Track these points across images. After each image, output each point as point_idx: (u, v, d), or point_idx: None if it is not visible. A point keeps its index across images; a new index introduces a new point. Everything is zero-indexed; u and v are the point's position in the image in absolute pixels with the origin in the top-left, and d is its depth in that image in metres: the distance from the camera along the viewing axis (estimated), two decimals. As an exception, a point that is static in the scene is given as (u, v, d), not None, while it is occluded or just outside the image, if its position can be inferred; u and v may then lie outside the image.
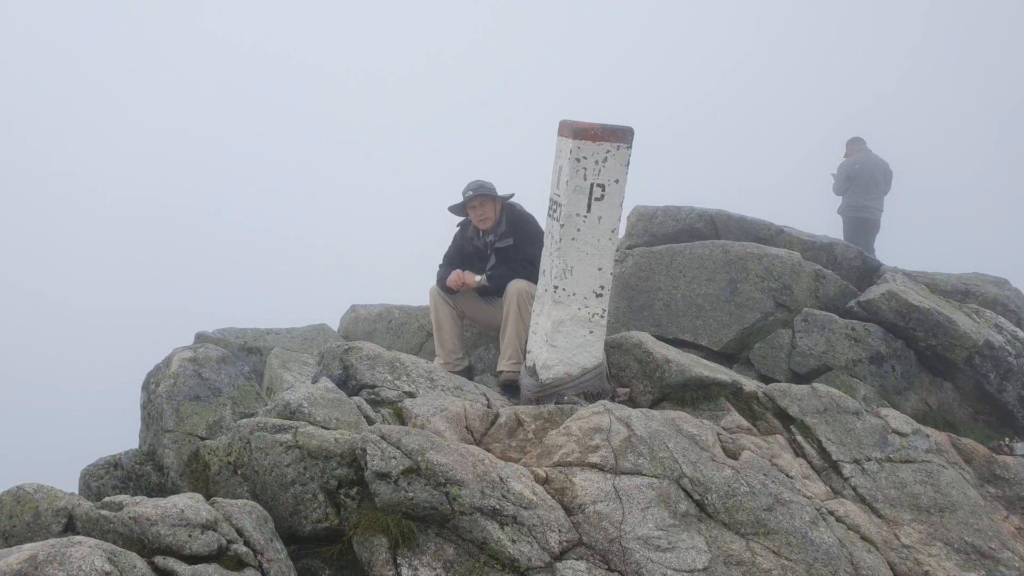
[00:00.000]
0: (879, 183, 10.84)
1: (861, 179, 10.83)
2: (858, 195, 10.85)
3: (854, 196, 10.89)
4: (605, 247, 4.89)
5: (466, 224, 6.31)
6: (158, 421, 4.63)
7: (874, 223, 10.93)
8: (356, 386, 4.83)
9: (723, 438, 4.40)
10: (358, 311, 8.26)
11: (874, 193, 10.83)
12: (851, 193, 10.92)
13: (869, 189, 10.80)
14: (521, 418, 4.54)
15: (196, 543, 2.92)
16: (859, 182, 10.83)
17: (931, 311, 6.50)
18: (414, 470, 3.41)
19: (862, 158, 10.96)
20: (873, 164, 10.89)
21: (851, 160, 11.06)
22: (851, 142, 11.27)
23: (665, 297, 7.04)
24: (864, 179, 10.81)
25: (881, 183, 10.86)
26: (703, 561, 3.52)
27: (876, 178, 10.82)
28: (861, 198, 10.83)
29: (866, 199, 10.82)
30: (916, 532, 4.19)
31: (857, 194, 10.85)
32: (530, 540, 3.37)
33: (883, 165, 10.90)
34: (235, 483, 3.70)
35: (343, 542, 3.40)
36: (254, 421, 3.81)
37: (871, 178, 10.81)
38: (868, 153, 11.02)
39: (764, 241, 7.64)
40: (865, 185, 10.81)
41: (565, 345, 4.97)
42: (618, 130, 4.74)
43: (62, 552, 2.54)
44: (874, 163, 10.90)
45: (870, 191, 10.80)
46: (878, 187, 10.84)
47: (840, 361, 6.44)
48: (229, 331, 7.49)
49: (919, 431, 4.90)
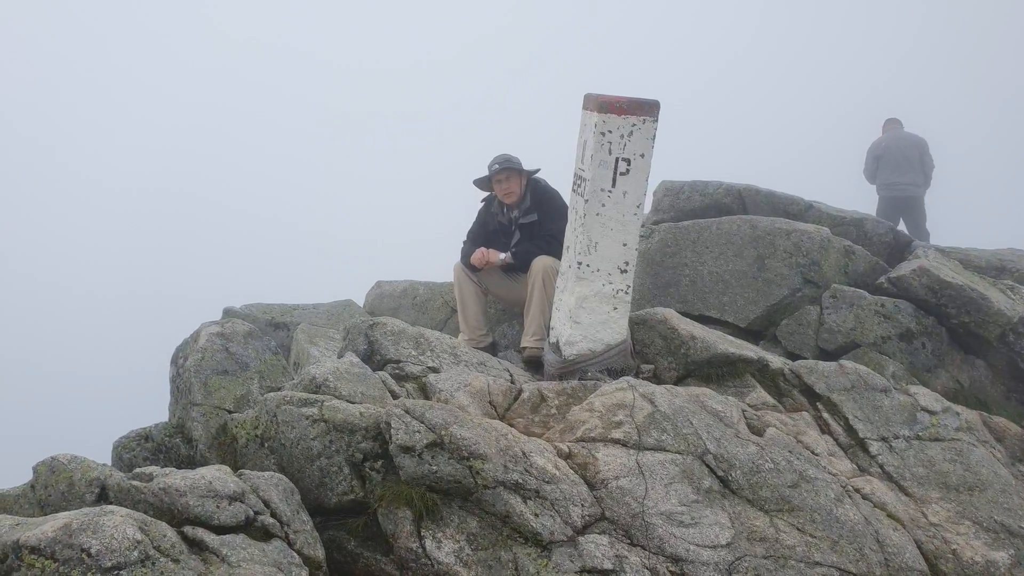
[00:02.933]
0: (911, 159, 10.53)
1: (889, 157, 10.58)
2: (888, 172, 10.60)
3: (884, 174, 10.65)
4: (630, 222, 4.85)
5: (490, 200, 6.29)
6: (186, 395, 4.71)
7: (913, 200, 10.61)
8: (381, 361, 4.87)
9: (748, 415, 4.38)
10: (383, 287, 8.30)
11: (905, 168, 10.53)
12: (882, 172, 10.68)
13: (900, 165, 10.53)
14: (544, 394, 4.55)
15: (224, 514, 2.97)
16: (887, 160, 10.59)
17: (964, 287, 6.38)
18: (438, 444, 3.44)
19: (890, 136, 10.73)
20: (902, 140, 10.62)
21: (877, 140, 10.85)
22: (886, 123, 11.01)
23: (691, 273, 6.98)
24: (893, 156, 10.56)
25: (914, 159, 10.54)
26: (726, 537, 3.51)
27: (907, 154, 10.52)
28: (892, 175, 10.58)
29: (897, 176, 10.55)
30: (944, 511, 4.14)
31: (887, 171, 10.60)
32: (552, 514, 3.39)
33: (915, 140, 10.61)
34: (262, 456, 3.75)
35: (368, 514, 3.45)
36: (281, 395, 3.86)
37: (900, 155, 10.53)
38: (897, 131, 10.76)
39: (793, 216, 7.53)
40: (895, 162, 10.55)
41: (589, 321, 4.96)
42: (644, 103, 4.68)
43: (95, 521, 2.61)
44: (903, 139, 10.63)
45: (901, 167, 10.53)
46: (910, 163, 10.53)
47: (869, 338, 6.36)
48: (256, 307, 7.57)
49: (949, 409, 4.83)
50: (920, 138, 10.65)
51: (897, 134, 10.73)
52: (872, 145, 10.88)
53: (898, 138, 10.67)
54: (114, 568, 2.50)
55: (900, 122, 10.96)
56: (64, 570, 2.48)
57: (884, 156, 10.63)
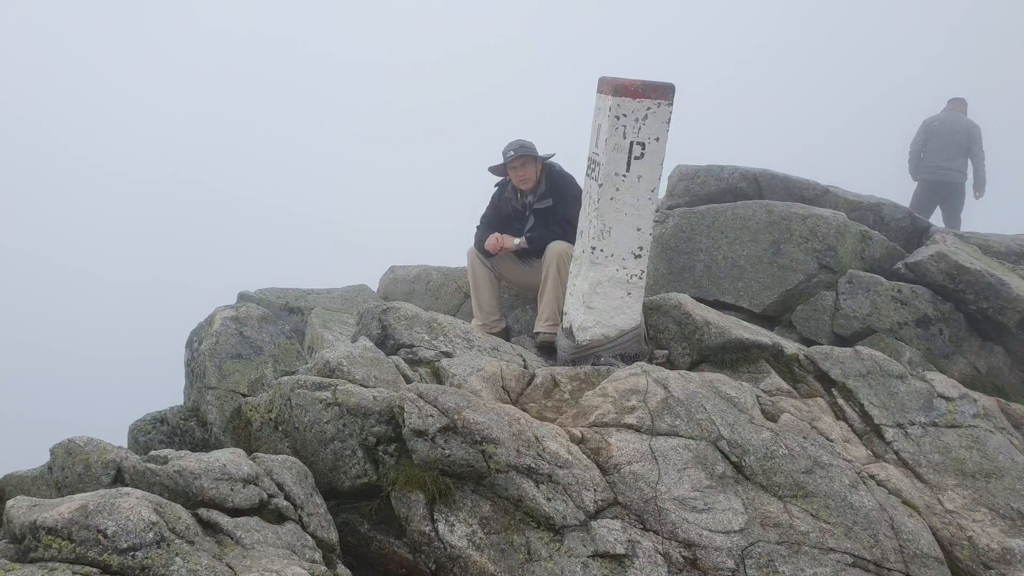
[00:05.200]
0: (959, 144, 10.15)
1: (937, 139, 10.24)
2: (934, 155, 10.26)
3: (930, 156, 10.31)
4: (644, 207, 4.81)
5: (504, 184, 6.27)
6: (201, 378, 4.74)
7: (954, 187, 10.27)
8: (394, 345, 4.88)
9: (762, 401, 4.36)
10: (397, 272, 8.31)
11: (953, 153, 10.17)
12: (927, 153, 10.35)
13: (946, 149, 10.17)
14: (557, 379, 4.54)
15: (238, 496, 2.99)
16: (934, 142, 10.27)
17: (982, 273, 6.31)
18: (451, 428, 3.44)
19: (943, 117, 10.35)
20: (953, 123, 10.23)
21: (932, 117, 10.46)
22: (949, 102, 10.60)
23: (706, 258, 6.93)
24: (940, 139, 10.21)
25: (962, 145, 10.16)
26: (739, 522, 3.50)
27: (956, 139, 10.15)
28: (937, 158, 10.23)
29: (942, 160, 10.20)
30: (960, 497, 4.11)
31: (933, 154, 10.27)
32: (565, 499, 3.39)
33: (966, 126, 10.19)
34: (276, 439, 3.77)
35: (381, 497, 3.46)
36: (294, 379, 3.87)
37: (949, 139, 10.16)
38: (952, 113, 10.37)
39: (809, 201, 7.46)
40: (941, 145, 10.19)
41: (602, 307, 4.94)
42: (659, 87, 4.63)
43: (111, 502, 2.63)
44: (955, 122, 10.24)
45: (948, 151, 10.16)
46: (958, 148, 10.17)
47: (885, 324, 6.30)
48: (271, 291, 7.60)
49: (966, 396, 4.78)
50: (973, 125, 10.25)
51: (951, 116, 10.36)
52: (925, 121, 10.51)
53: (951, 121, 10.30)
54: (130, 549, 2.52)
55: (964, 103, 10.50)
56: (81, 550, 2.51)
57: (931, 137, 10.30)
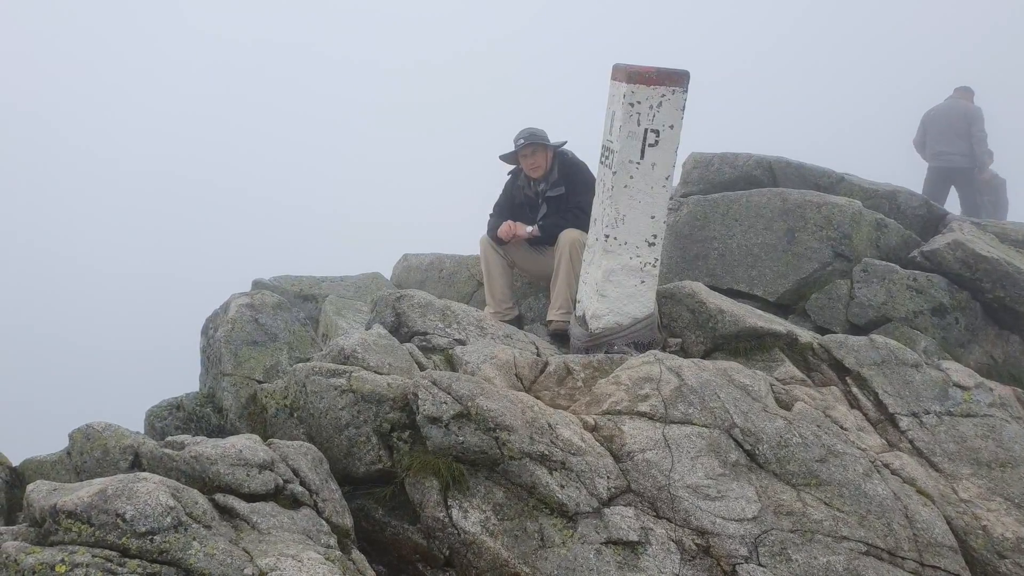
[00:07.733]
0: (957, 129, 10.13)
1: (936, 125, 10.30)
2: (934, 142, 10.32)
3: (932, 143, 10.37)
4: (658, 195, 4.79)
5: (517, 172, 6.25)
6: (217, 365, 4.77)
7: (959, 171, 10.25)
8: (408, 333, 4.89)
9: (776, 389, 4.34)
10: (410, 260, 8.32)
11: (951, 138, 10.17)
12: (930, 141, 10.39)
13: (944, 134, 10.20)
14: (570, 367, 4.55)
15: (254, 482, 3.02)
16: (933, 130, 10.32)
17: (999, 261, 6.25)
18: (464, 415, 3.46)
19: (941, 104, 10.38)
20: (951, 109, 10.24)
21: (931, 107, 10.50)
22: (955, 90, 10.54)
23: (720, 246, 6.90)
24: (938, 126, 10.26)
25: (961, 129, 10.12)
26: (753, 510, 3.50)
27: (953, 124, 10.16)
28: (937, 144, 10.28)
29: (942, 145, 10.23)
30: (975, 487, 4.09)
31: (934, 140, 10.33)
32: (578, 486, 3.40)
33: (964, 110, 10.16)
34: (291, 425, 3.80)
35: (396, 484, 3.48)
36: (309, 366, 3.89)
37: (946, 124, 10.19)
38: (952, 100, 10.35)
39: (824, 189, 7.40)
40: (939, 131, 10.24)
41: (615, 295, 4.93)
42: (673, 73, 4.60)
43: (129, 487, 2.66)
44: (952, 108, 10.25)
45: (946, 136, 10.19)
46: (956, 132, 10.14)
47: (900, 312, 6.26)
48: (285, 279, 7.63)
49: (982, 385, 4.75)
50: (972, 108, 10.20)
51: (948, 103, 10.37)
52: (924, 113, 10.56)
53: (949, 107, 10.31)
54: (148, 533, 2.55)
55: (970, 91, 10.44)
56: (100, 534, 2.54)
57: (931, 125, 10.35)
